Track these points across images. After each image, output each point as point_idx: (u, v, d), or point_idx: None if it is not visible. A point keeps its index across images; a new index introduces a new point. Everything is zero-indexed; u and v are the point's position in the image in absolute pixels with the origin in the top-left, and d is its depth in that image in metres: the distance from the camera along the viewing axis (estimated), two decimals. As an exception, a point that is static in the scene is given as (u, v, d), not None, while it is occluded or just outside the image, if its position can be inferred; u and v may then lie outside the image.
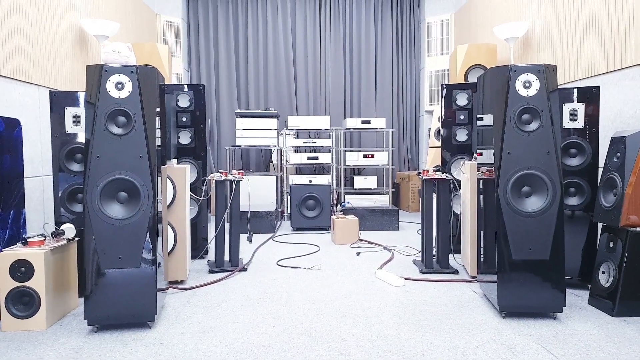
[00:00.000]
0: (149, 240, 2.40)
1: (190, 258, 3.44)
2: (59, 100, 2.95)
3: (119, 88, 2.36)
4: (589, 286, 2.87)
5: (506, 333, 2.36)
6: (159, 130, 2.54)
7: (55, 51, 3.76)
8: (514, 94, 2.49)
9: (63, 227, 2.69)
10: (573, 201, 3.05)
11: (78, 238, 2.81)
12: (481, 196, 2.85)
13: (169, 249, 3.15)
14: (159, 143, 2.52)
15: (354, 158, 5.85)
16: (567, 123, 3.05)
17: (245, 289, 3.12)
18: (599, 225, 3.00)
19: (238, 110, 5.88)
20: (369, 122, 5.88)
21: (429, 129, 6.58)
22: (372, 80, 7.25)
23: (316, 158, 5.90)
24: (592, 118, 3.03)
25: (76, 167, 2.96)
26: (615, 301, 2.57)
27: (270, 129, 5.79)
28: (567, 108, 3.04)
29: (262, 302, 2.85)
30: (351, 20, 7.21)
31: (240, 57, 7.07)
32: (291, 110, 7.10)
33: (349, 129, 5.91)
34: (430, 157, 6.05)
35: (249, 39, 7.03)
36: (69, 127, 2.95)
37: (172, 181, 3.16)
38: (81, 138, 2.96)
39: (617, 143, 2.70)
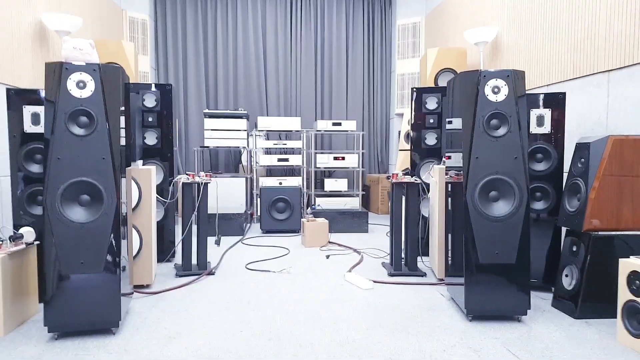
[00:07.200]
0: (113, 245, 2.32)
1: (156, 262, 3.35)
2: (17, 98, 2.83)
3: (80, 87, 2.28)
4: (553, 288, 2.94)
5: (472, 336, 2.38)
6: (123, 130, 2.46)
7: (13, 46, 3.62)
8: (483, 99, 2.52)
9: (22, 230, 2.59)
10: (539, 205, 3.11)
11: (38, 242, 2.71)
12: (449, 199, 2.88)
13: (135, 253, 3.06)
14: (123, 143, 2.44)
15: (324, 160, 5.84)
16: (534, 128, 3.10)
17: (213, 293, 3.06)
18: (563, 229, 3.07)
19: (207, 110, 5.79)
20: (339, 124, 5.88)
21: (399, 132, 6.62)
22: (343, 82, 7.26)
23: (286, 160, 5.86)
24: (558, 123, 3.09)
25: (35, 168, 2.85)
26: (578, 303, 2.63)
27: (240, 130, 5.72)
28: (534, 113, 3.10)
29: (230, 306, 2.80)
30: (322, 21, 7.20)
31: (209, 55, 6.97)
32: (261, 111, 7.04)
33: (319, 131, 5.89)
34: (400, 159, 6.09)
35: (218, 38, 6.94)
36: (28, 127, 2.83)
37: (137, 183, 3.08)
38: (41, 138, 2.84)
39: (582, 149, 2.76)
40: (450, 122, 2.86)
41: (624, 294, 2.32)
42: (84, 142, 2.28)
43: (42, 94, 2.85)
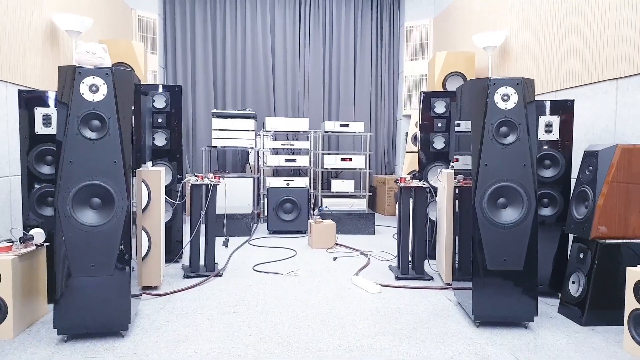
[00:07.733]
0: (123, 248, 2.34)
1: (164, 262, 3.38)
2: (28, 100, 2.85)
3: (93, 91, 2.30)
4: (559, 294, 2.94)
5: (480, 343, 2.39)
6: (133, 130, 2.48)
7: (24, 46, 3.64)
8: (493, 106, 2.52)
9: (32, 232, 2.60)
10: (546, 211, 3.11)
11: (48, 243, 2.73)
12: (457, 201, 2.88)
13: (143, 254, 3.08)
14: (133, 142, 2.46)
15: (331, 161, 5.84)
16: (542, 135, 3.10)
17: (221, 295, 3.08)
18: (570, 235, 3.07)
19: (215, 110, 5.81)
20: (347, 125, 5.88)
21: (406, 134, 6.62)
22: (350, 83, 7.26)
23: (294, 160, 5.88)
24: (567, 130, 3.09)
25: (46, 169, 2.87)
26: (584, 310, 2.63)
27: (248, 130, 5.73)
28: (542, 120, 3.10)
29: (238, 309, 2.82)
30: (331, 22, 7.20)
31: (217, 55, 6.99)
32: (269, 111, 7.05)
33: (327, 132, 5.90)
34: (407, 161, 6.09)
35: (227, 38, 6.95)
36: (39, 128, 2.85)
37: (146, 185, 3.10)
38: (51, 140, 2.86)
39: (590, 157, 2.76)
40: (458, 125, 2.86)
41: (630, 303, 2.32)
42: (96, 145, 2.30)
43: (52, 95, 2.87)
